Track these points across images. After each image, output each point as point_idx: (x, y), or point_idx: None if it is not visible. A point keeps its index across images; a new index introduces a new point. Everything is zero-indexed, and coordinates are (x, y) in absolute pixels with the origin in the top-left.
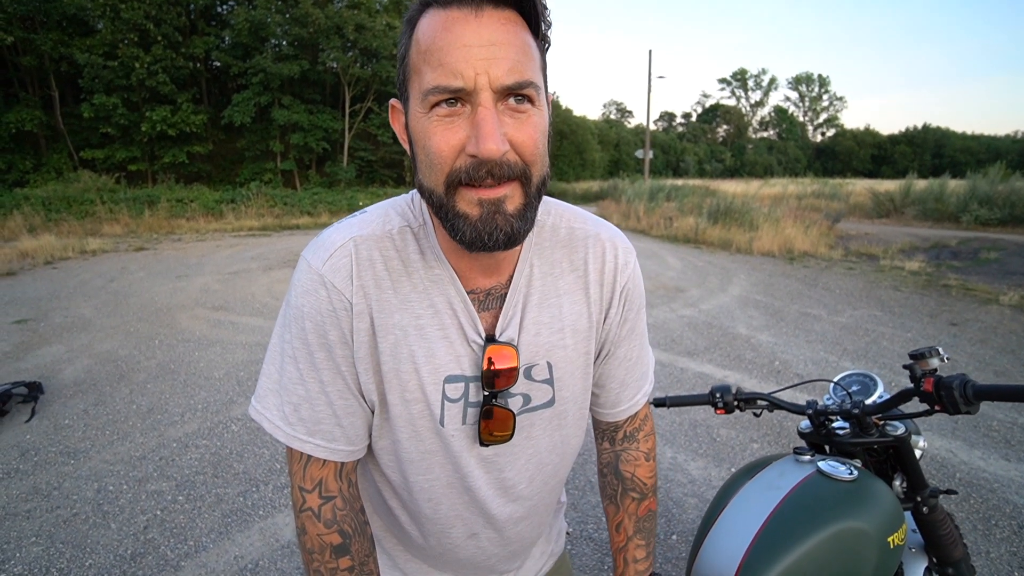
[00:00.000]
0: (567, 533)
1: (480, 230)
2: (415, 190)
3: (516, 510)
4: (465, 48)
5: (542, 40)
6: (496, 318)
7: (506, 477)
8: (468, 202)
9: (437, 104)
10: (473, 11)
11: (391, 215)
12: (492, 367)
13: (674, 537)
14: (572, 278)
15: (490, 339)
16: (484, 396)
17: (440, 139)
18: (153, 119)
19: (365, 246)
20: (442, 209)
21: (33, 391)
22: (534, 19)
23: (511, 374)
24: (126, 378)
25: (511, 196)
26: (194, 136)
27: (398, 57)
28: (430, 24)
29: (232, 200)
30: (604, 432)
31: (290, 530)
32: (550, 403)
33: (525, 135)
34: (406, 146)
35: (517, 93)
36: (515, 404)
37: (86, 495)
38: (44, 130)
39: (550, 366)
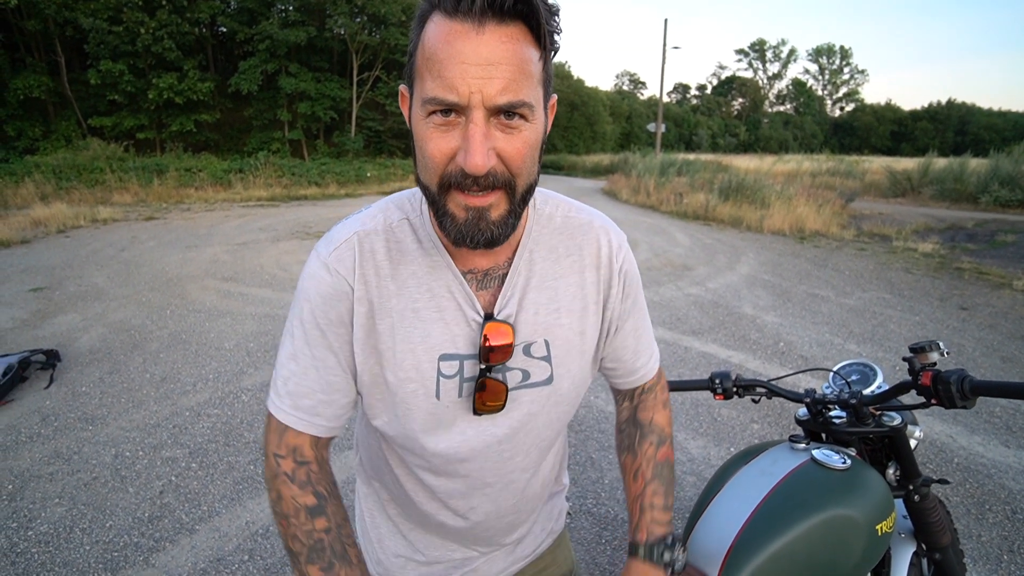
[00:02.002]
0: (568, 514)
1: (464, 232)
2: (417, 187)
3: (513, 483)
4: (463, 65)
5: (548, 49)
6: (495, 297)
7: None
8: (457, 204)
9: (434, 112)
10: (475, 27)
11: (391, 210)
12: (487, 343)
13: None
14: (568, 262)
15: (488, 317)
16: (480, 369)
17: (434, 146)
18: (160, 86)
19: (368, 240)
20: (435, 205)
21: (51, 358)
22: (540, 32)
23: (507, 350)
24: (140, 347)
25: (496, 204)
26: (201, 104)
27: (408, 49)
28: (435, 32)
29: (240, 170)
30: (623, 395)
31: None
32: (548, 381)
33: (513, 149)
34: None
35: (509, 111)
36: (514, 379)
37: (104, 460)
38: (52, 96)
39: (548, 344)
